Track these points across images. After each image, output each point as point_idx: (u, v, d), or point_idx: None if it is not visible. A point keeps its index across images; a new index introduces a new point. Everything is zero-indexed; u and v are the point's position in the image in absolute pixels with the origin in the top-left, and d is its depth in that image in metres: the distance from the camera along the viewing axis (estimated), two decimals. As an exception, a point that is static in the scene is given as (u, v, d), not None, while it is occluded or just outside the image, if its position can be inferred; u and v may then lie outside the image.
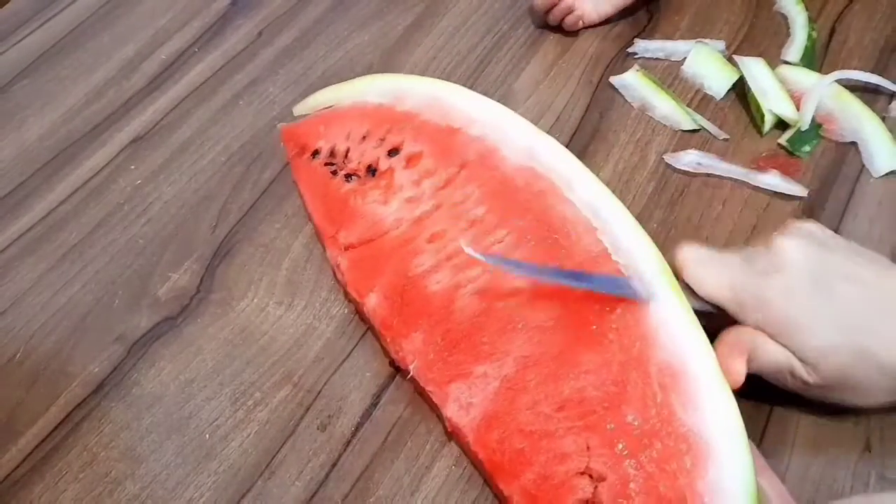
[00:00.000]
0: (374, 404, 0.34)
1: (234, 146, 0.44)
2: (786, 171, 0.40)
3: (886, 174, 0.39)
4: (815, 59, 0.44)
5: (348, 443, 0.33)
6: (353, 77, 0.47)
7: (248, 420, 0.33)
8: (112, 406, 0.34)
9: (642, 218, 0.38)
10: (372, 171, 0.36)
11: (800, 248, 0.29)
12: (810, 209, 0.38)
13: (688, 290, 0.30)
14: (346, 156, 0.38)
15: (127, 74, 0.49)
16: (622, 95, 0.44)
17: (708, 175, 0.40)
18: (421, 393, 0.32)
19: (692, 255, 0.31)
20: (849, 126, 0.40)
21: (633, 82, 0.43)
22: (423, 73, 0.47)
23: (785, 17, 0.47)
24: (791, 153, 0.40)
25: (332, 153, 0.38)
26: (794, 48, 0.44)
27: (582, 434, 0.27)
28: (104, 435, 0.34)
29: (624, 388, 0.28)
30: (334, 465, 0.32)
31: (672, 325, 0.29)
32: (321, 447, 0.33)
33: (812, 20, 0.45)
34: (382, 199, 0.36)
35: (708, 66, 0.43)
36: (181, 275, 0.39)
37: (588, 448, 0.27)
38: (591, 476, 0.26)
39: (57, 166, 0.44)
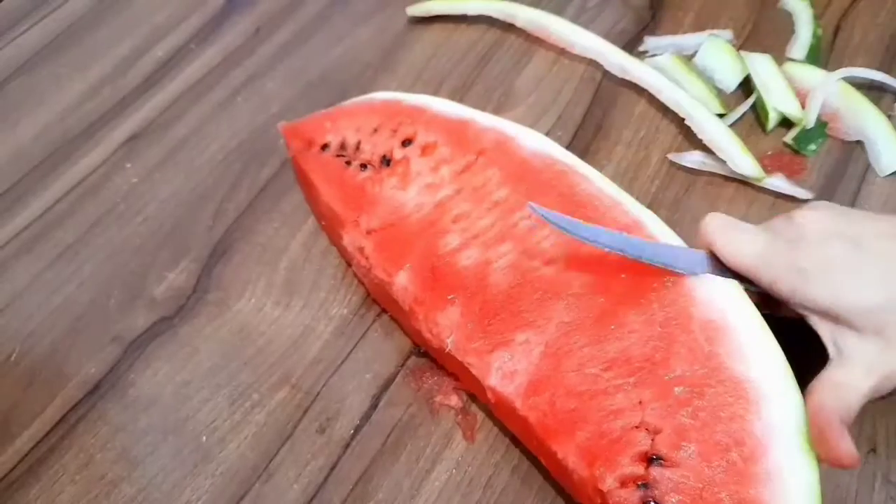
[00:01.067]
0: (373, 406, 0.33)
1: (231, 144, 0.44)
2: (791, 170, 0.39)
3: (892, 173, 0.39)
4: (821, 56, 0.44)
5: (347, 445, 0.32)
6: (353, 75, 0.47)
7: (245, 422, 0.33)
8: (108, 407, 0.34)
9: (645, 217, 0.38)
10: (386, 160, 0.36)
11: (824, 216, 0.28)
12: (815, 208, 0.38)
13: (714, 264, 0.29)
14: (357, 148, 0.37)
15: (123, 72, 0.48)
16: (624, 95, 0.44)
17: (712, 174, 0.40)
18: (454, 372, 0.32)
19: (721, 223, 0.29)
20: (854, 124, 0.40)
21: (667, 65, 0.43)
22: (422, 71, 0.46)
23: (790, 15, 0.46)
24: (796, 151, 0.40)
25: (342, 146, 0.38)
26: (799, 45, 0.44)
27: (633, 390, 0.27)
28: (100, 436, 0.33)
29: (669, 344, 0.28)
30: (333, 468, 0.32)
31: (710, 283, 0.29)
32: (320, 450, 0.32)
33: (817, 17, 0.45)
34: (401, 185, 0.35)
35: (719, 59, 0.43)
36: (178, 274, 0.38)
37: (640, 403, 0.27)
38: (647, 430, 0.26)
39: (52, 165, 0.44)
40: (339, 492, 0.31)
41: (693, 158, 0.40)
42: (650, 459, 0.26)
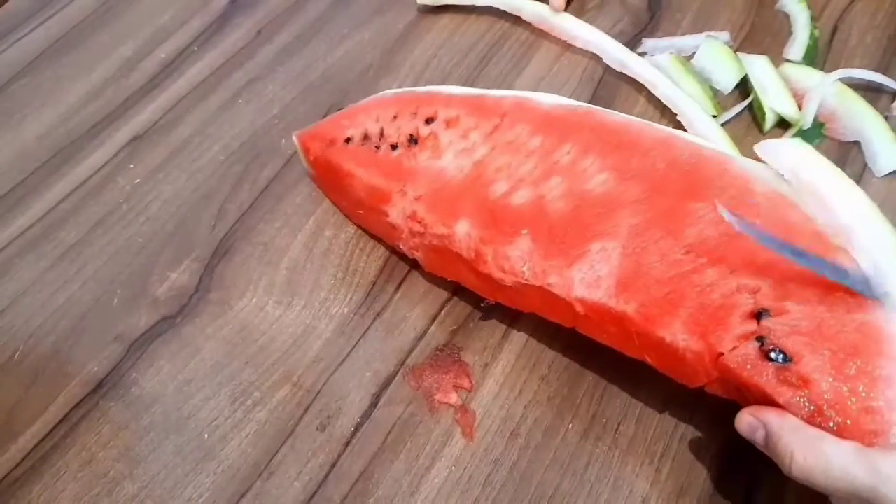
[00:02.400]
0: (373, 404, 0.34)
1: (233, 145, 0.44)
2: (788, 170, 0.39)
3: (889, 174, 0.39)
4: (818, 57, 0.44)
5: (347, 443, 0.33)
6: (354, 76, 0.47)
7: (246, 420, 0.33)
8: (111, 406, 0.34)
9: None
10: (414, 139, 0.37)
11: None
12: (812, 208, 0.38)
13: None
14: (381, 134, 0.38)
15: (126, 73, 0.48)
16: (622, 93, 0.44)
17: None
18: (532, 309, 0.33)
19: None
20: (851, 125, 0.40)
21: (665, 64, 0.43)
22: (423, 71, 0.47)
23: (787, 16, 0.46)
24: (793, 152, 0.40)
25: (365, 136, 0.38)
26: (797, 47, 0.44)
27: (719, 264, 0.28)
28: (103, 434, 0.33)
29: (742, 218, 0.28)
30: (333, 465, 0.32)
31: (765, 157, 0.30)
32: (320, 447, 0.32)
33: (814, 18, 0.45)
34: (436, 155, 0.36)
35: (717, 60, 0.43)
36: (180, 274, 0.39)
37: (732, 272, 0.28)
38: (746, 292, 0.27)
39: (56, 165, 0.44)
40: (339, 489, 0.31)
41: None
42: (758, 315, 0.27)
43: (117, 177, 0.43)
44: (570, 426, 0.32)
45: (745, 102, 0.42)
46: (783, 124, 0.41)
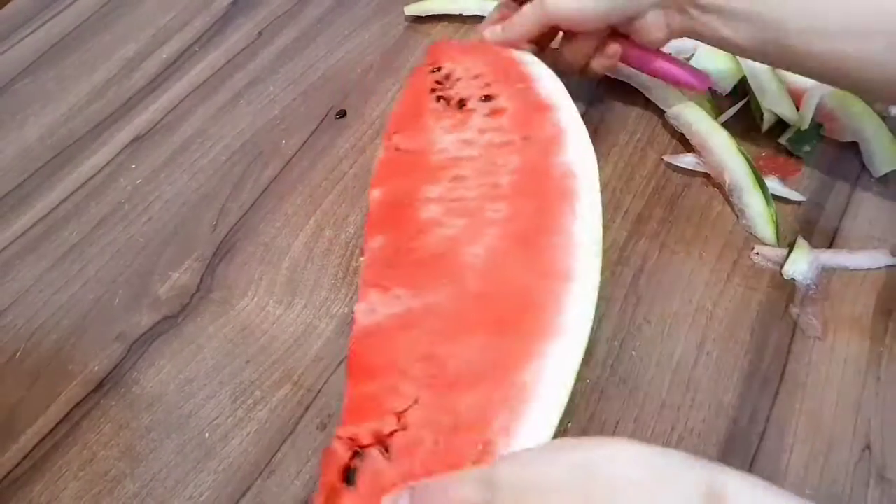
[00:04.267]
0: (373, 403, 0.34)
1: (234, 145, 0.44)
2: (785, 171, 0.40)
3: (886, 174, 0.39)
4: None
5: (348, 442, 0.33)
6: (354, 78, 0.47)
7: (247, 419, 0.33)
8: (112, 405, 0.34)
9: (642, 216, 0.39)
10: (462, 104, 0.38)
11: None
12: (809, 210, 0.38)
13: None
14: (454, 83, 0.40)
15: (128, 73, 0.49)
16: (623, 95, 0.44)
17: (708, 175, 0.40)
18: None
19: None
20: (849, 126, 0.40)
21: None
22: (423, 73, 0.47)
23: (786, 18, 0.46)
24: (791, 153, 0.40)
25: (447, 76, 0.41)
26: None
27: (419, 389, 0.28)
28: (104, 433, 0.34)
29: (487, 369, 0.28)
30: (334, 463, 0.32)
31: None
32: (321, 446, 0.33)
33: (813, 20, 0.45)
34: (449, 128, 0.37)
35: (716, 61, 0.43)
36: (181, 274, 0.39)
37: (416, 401, 0.28)
38: (398, 419, 0.27)
39: (58, 165, 0.44)
40: (339, 487, 0.31)
41: (689, 160, 0.40)
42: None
43: (119, 177, 0.43)
44: (568, 426, 0.33)
45: (741, 103, 0.42)
46: (781, 125, 0.41)
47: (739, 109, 0.42)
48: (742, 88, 0.43)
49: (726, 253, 0.37)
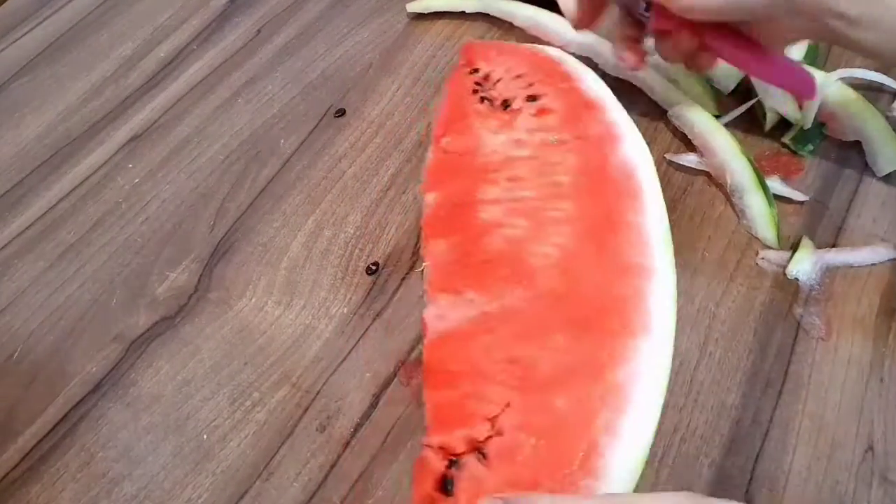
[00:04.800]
0: (373, 405, 0.33)
1: (232, 144, 0.44)
2: (788, 170, 0.39)
3: (890, 174, 0.39)
4: (819, 57, 0.44)
5: (347, 444, 0.32)
6: (353, 76, 0.47)
7: (246, 420, 0.33)
8: (110, 406, 0.34)
9: (644, 217, 0.38)
10: (506, 104, 0.38)
11: None
12: (812, 209, 0.38)
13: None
14: (495, 84, 0.40)
15: (125, 72, 0.48)
16: (622, 95, 0.44)
17: (709, 174, 0.40)
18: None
19: None
20: (852, 125, 0.40)
21: (665, 65, 0.43)
22: (423, 72, 0.46)
23: (788, 15, 0.46)
24: (794, 152, 0.40)
25: (486, 77, 0.41)
26: (798, 46, 0.44)
27: (508, 393, 0.28)
28: (102, 435, 0.33)
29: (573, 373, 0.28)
30: (333, 466, 0.32)
31: None
32: (320, 448, 0.32)
33: (815, 18, 0.45)
34: (496, 128, 0.37)
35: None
36: (179, 274, 0.39)
37: (508, 405, 0.28)
38: (492, 424, 0.28)
39: (55, 164, 0.44)
40: (339, 489, 0.31)
41: (691, 158, 0.40)
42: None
43: (116, 176, 0.43)
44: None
45: (749, 104, 0.41)
46: (784, 124, 0.41)
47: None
48: (745, 87, 0.42)
49: (729, 253, 0.37)
